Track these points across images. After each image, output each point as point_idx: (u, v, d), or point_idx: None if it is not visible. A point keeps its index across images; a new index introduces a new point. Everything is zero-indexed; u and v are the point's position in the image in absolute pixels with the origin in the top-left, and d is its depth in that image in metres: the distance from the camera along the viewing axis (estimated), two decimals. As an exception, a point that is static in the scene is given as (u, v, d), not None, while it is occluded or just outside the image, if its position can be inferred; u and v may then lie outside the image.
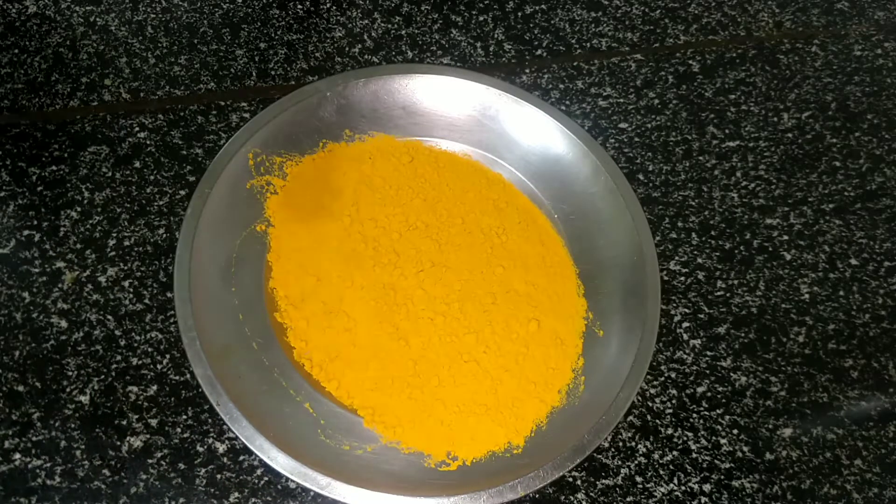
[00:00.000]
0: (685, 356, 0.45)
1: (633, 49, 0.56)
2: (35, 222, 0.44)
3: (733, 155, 0.53)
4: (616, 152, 0.51)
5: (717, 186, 0.51)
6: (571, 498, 0.40)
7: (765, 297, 0.47)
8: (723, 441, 0.42)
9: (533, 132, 0.48)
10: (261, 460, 0.37)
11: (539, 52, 0.55)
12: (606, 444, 0.41)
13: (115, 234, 0.44)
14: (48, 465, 0.37)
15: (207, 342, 0.38)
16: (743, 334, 0.46)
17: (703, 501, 0.40)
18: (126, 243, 0.44)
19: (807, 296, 0.48)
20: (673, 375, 0.44)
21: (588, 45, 0.56)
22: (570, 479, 0.40)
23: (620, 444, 0.41)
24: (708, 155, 0.52)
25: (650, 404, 0.43)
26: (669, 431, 0.42)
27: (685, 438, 0.42)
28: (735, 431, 0.43)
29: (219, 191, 0.42)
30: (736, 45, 0.58)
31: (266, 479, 0.38)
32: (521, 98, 0.48)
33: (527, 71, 0.54)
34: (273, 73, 0.51)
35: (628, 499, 0.40)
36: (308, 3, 0.55)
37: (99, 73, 0.50)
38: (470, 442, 0.39)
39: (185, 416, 0.39)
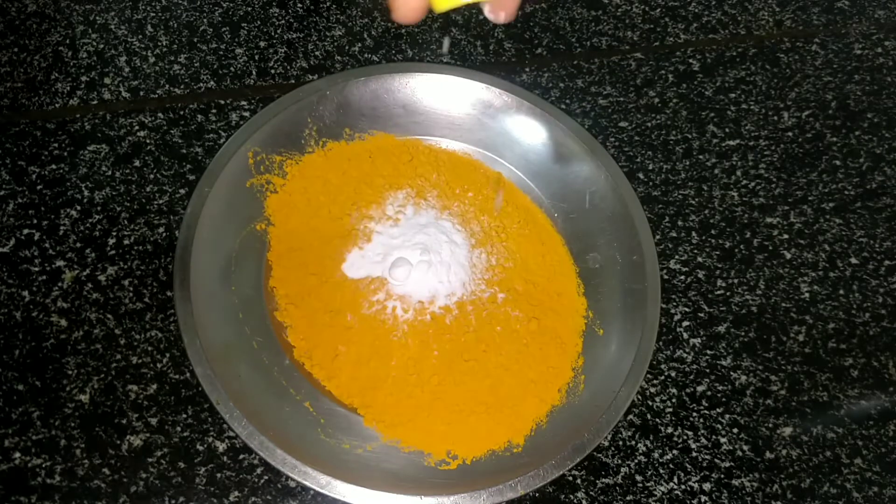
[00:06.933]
0: (685, 355, 0.45)
1: (634, 48, 0.56)
2: (35, 221, 0.44)
3: (733, 154, 0.53)
4: (616, 151, 0.51)
5: (717, 185, 0.51)
6: (571, 497, 0.40)
7: (765, 296, 0.47)
8: (723, 440, 0.42)
9: (533, 131, 0.48)
10: (261, 459, 0.37)
11: (539, 50, 0.55)
12: (606, 443, 0.41)
13: (114, 233, 0.44)
14: (48, 463, 0.37)
15: (207, 341, 0.38)
16: (743, 333, 0.46)
17: (703, 500, 0.40)
18: (126, 242, 0.44)
19: (807, 295, 0.48)
20: (673, 374, 0.44)
21: (588, 43, 0.56)
22: (570, 478, 0.40)
23: (620, 442, 0.41)
24: (708, 154, 0.52)
25: (650, 403, 0.43)
26: (669, 430, 0.42)
27: (685, 437, 0.42)
28: (735, 430, 0.43)
29: (218, 190, 0.42)
30: (736, 43, 0.58)
31: (266, 477, 0.38)
32: (521, 97, 0.48)
33: (527, 70, 0.54)
34: (273, 71, 0.51)
35: (628, 498, 0.40)
36: (308, 1, 0.55)
37: (98, 71, 0.50)
38: (470, 441, 0.39)
39: (184, 415, 0.39)
